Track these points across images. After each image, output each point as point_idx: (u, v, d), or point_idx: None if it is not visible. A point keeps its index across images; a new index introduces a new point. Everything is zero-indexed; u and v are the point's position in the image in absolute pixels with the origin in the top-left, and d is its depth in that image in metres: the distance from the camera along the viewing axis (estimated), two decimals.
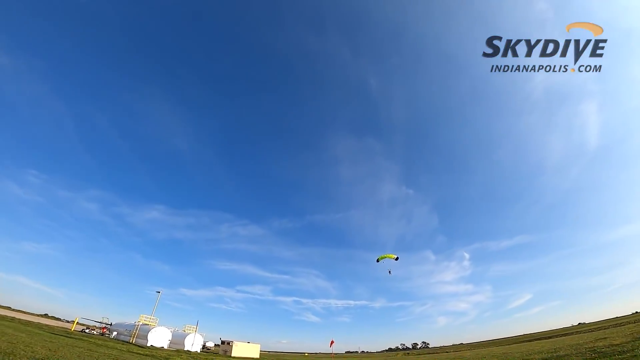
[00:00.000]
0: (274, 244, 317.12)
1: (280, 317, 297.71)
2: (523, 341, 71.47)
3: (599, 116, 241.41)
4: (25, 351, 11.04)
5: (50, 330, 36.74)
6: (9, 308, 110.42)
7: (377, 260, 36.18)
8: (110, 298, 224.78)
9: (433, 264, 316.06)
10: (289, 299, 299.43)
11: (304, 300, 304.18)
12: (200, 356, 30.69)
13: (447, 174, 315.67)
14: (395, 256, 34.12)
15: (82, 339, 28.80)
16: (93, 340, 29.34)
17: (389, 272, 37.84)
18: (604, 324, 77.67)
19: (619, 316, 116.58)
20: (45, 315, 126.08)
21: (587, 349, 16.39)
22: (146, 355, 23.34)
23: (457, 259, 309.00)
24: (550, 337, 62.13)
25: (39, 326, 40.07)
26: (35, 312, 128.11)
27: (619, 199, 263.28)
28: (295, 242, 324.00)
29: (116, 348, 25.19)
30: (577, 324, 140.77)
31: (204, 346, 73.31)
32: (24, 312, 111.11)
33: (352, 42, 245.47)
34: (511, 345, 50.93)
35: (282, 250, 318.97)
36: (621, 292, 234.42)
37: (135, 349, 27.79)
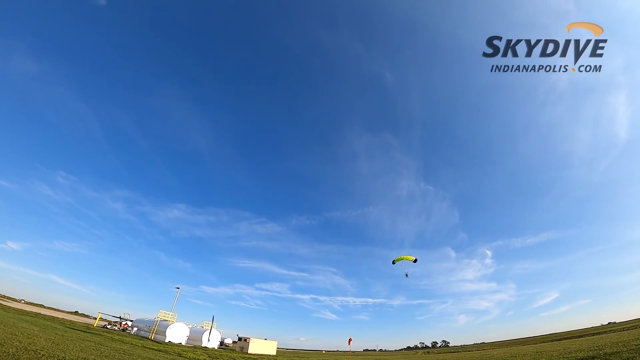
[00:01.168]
0: (292, 242, 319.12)
1: (298, 315, 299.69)
2: (551, 340, 67.65)
3: (628, 108, 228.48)
4: (22, 342, 10.52)
5: (71, 325, 37.44)
6: (42, 306, 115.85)
7: (393, 262, 34.43)
8: (137, 295, 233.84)
9: (454, 262, 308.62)
10: (306, 297, 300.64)
11: (322, 298, 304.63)
12: (215, 352, 30.28)
13: (468, 169, 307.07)
14: (414, 258, 32.10)
15: (98, 334, 28.92)
16: (110, 336, 29.43)
17: (406, 275, 36.00)
18: (637, 323, 72.50)
19: None
20: (76, 313, 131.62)
21: (637, 345, 14.46)
22: (159, 350, 22.97)
23: (479, 257, 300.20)
24: (580, 337, 58.34)
25: (62, 322, 41.02)
26: (66, 310, 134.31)
27: None
28: (312, 240, 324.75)
29: (130, 343, 25.01)
30: (607, 323, 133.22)
31: (222, 342, 73.98)
32: (55, 310, 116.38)
33: (365, 36, 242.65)
34: (541, 344, 48.01)
35: (300, 248, 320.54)
36: None
37: (150, 344, 27.62)
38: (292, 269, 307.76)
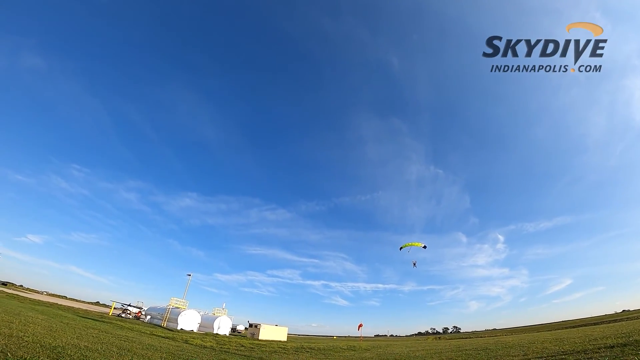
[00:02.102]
0: (302, 228, 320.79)
1: (310, 301, 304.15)
2: (566, 327, 66.22)
3: None
4: (12, 329, 10.05)
5: (85, 314, 38.14)
6: (64, 297, 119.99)
7: (400, 249, 33.43)
8: (153, 284, 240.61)
9: (465, 247, 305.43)
10: (317, 283, 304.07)
11: (333, 284, 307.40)
12: (225, 339, 30.28)
13: (479, 152, 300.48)
14: (422, 244, 30.91)
15: (109, 322, 29.18)
16: (120, 324, 29.68)
17: (414, 264, 34.57)
18: None
19: None
20: (97, 303, 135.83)
21: None
22: (167, 337, 22.85)
23: (491, 242, 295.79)
24: (595, 324, 56.77)
25: (76, 311, 41.92)
26: (87, 300, 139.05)
27: None
28: (322, 225, 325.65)
29: (140, 331, 25.05)
30: (620, 311, 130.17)
31: (234, 329, 75.18)
32: (76, 300, 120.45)
33: (370, 23, 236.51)
34: (557, 331, 46.76)
35: (310, 234, 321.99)
36: None
37: (159, 332, 27.69)
38: (302, 255, 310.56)
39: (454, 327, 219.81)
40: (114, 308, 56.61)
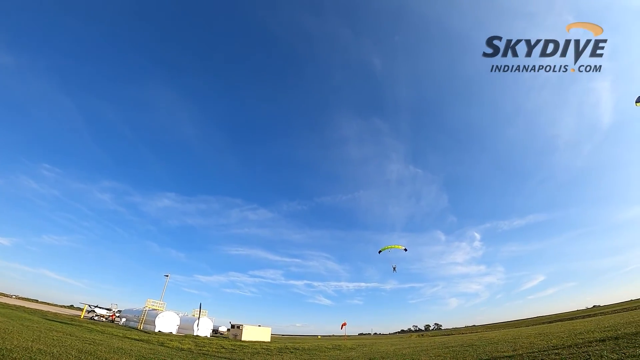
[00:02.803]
0: (284, 227, 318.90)
1: (293, 301, 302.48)
2: (544, 322, 68.36)
3: (612, 94, 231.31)
4: None
5: (54, 317, 35.63)
6: (35, 300, 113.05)
7: (379, 252, 32.27)
8: (131, 287, 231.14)
9: (444, 245, 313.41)
10: (300, 283, 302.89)
11: (315, 283, 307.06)
12: (205, 341, 28.86)
13: (455, 153, 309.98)
14: (403, 247, 30.22)
15: (78, 326, 27.23)
16: (91, 327, 27.76)
17: (394, 268, 33.64)
18: (621, 306, 73.58)
19: (634, 299, 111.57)
20: (71, 307, 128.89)
21: None
22: (140, 340, 21.36)
23: (468, 239, 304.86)
24: (572, 319, 58.83)
25: (45, 314, 39.17)
26: (60, 304, 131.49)
27: (635, 177, 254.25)
28: (304, 225, 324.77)
29: (111, 334, 23.36)
30: (591, 306, 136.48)
31: (216, 331, 72.83)
32: (48, 304, 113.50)
33: (352, 22, 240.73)
34: (537, 326, 47.98)
35: (292, 234, 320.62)
36: (637, 274, 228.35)
37: (133, 335, 26.03)
38: (285, 255, 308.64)
39: (435, 324, 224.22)
40: (86, 311, 53.48)
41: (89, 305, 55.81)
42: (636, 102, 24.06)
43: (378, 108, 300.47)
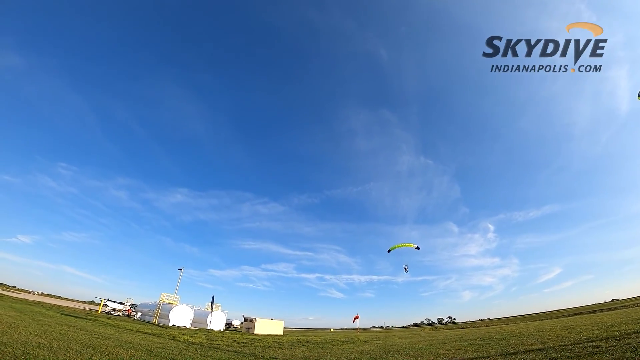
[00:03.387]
0: (295, 221, 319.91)
1: (305, 294, 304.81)
2: (563, 316, 66.35)
3: (629, 82, 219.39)
4: None
5: (72, 312, 36.29)
6: (58, 297, 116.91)
7: (389, 251, 31.09)
8: (148, 282, 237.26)
9: (456, 237, 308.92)
10: (312, 276, 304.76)
11: (327, 277, 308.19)
12: (217, 334, 28.77)
13: (467, 143, 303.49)
14: (415, 245, 28.81)
15: (92, 320, 27.49)
16: (106, 321, 28.00)
17: (405, 269, 32.42)
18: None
19: None
20: (92, 302, 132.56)
21: None
22: (152, 334, 21.24)
23: (482, 231, 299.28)
24: (592, 312, 56.78)
25: (62, 309, 40.04)
26: (82, 300, 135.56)
27: None
28: (315, 218, 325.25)
29: (124, 328, 23.41)
30: (610, 300, 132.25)
31: (230, 324, 73.73)
32: (70, 300, 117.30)
33: (356, 14, 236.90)
34: (559, 319, 46.36)
35: (303, 227, 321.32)
36: None
37: (146, 329, 26.08)
38: (296, 248, 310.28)
39: (448, 317, 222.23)
40: (103, 305, 54.63)
41: (104, 300, 56.97)
42: (639, 95, 24.30)
43: (386, 99, 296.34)
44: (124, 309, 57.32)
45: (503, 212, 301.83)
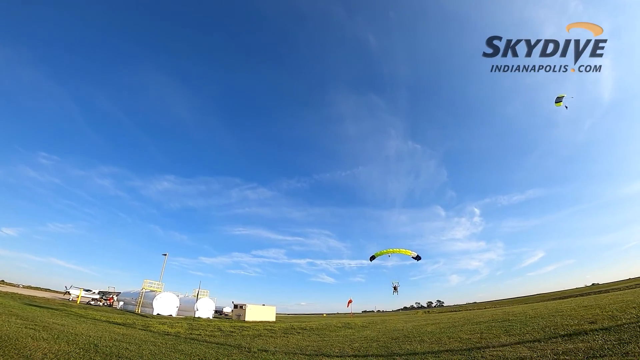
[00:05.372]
0: (284, 206, 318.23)
1: (296, 280, 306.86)
2: (554, 299, 66.52)
3: (612, 71, 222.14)
4: None
5: (44, 303, 33.14)
6: (47, 290, 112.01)
7: (371, 259, 25.99)
8: (138, 272, 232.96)
9: (444, 220, 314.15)
10: (303, 261, 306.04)
11: (318, 262, 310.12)
12: (202, 322, 26.22)
13: (454, 128, 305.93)
14: (414, 254, 23.33)
15: (54, 309, 24.50)
16: (75, 311, 25.06)
17: (395, 288, 26.50)
18: (625, 284, 71.34)
19: (632, 277, 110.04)
20: (67, 293, 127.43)
21: None
22: (123, 324, 18.45)
23: (468, 215, 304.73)
24: (582, 295, 56.81)
25: (32, 299, 36.80)
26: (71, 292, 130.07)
27: (636, 152, 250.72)
28: (305, 203, 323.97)
29: (93, 318, 20.55)
30: (590, 284, 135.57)
31: (220, 312, 71.17)
32: (53, 291, 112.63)
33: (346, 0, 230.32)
34: (548, 302, 45.63)
35: (293, 212, 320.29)
36: (636, 251, 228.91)
37: (118, 318, 23.26)
38: (286, 233, 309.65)
39: (437, 301, 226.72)
40: (65, 293, 51.40)
41: (67, 287, 53.10)
42: (555, 102, 25.14)
43: (374, 85, 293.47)
44: (102, 297, 53.92)
45: (489, 196, 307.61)
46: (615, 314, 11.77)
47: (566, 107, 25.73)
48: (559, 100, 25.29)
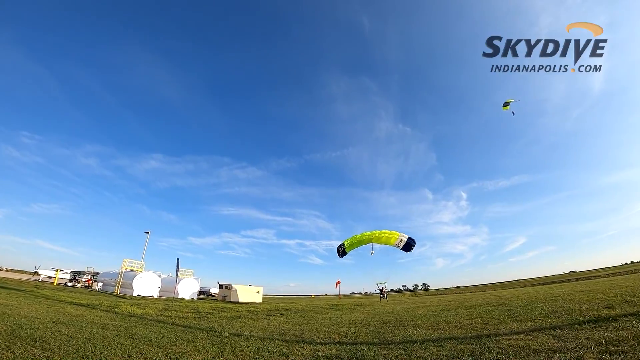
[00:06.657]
0: (274, 185, 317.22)
1: (286, 261, 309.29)
2: (532, 285, 67.83)
3: (605, 62, 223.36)
4: None
5: (16, 285, 31.02)
6: (21, 271, 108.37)
7: (340, 254, 22.61)
8: (126, 253, 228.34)
9: (431, 203, 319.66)
10: (292, 242, 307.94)
11: (307, 242, 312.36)
12: (180, 304, 24.67)
13: (445, 113, 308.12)
14: (404, 240, 20.80)
15: (23, 291, 22.58)
16: (40, 292, 23.21)
17: (381, 291, 30.47)
18: (606, 272, 73.36)
19: (608, 266, 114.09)
20: (36, 273, 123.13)
21: None
22: (86, 305, 16.71)
23: (455, 199, 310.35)
24: (568, 281, 57.86)
25: (5, 281, 34.58)
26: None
27: (620, 143, 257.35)
28: (294, 183, 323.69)
29: (54, 298, 18.79)
30: (568, 271, 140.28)
31: (207, 293, 69.74)
32: (40, 274, 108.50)
33: None
34: (537, 287, 45.90)
35: (282, 192, 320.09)
36: (613, 240, 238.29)
37: (85, 299, 21.52)
38: (276, 213, 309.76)
39: (423, 284, 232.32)
40: (34, 274, 49.20)
41: (36, 267, 50.66)
42: (503, 106, 25.22)
43: (367, 67, 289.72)
44: (74, 278, 51.51)
45: (475, 181, 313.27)
46: (628, 299, 10.68)
47: (513, 112, 25.56)
48: (506, 104, 25.27)
